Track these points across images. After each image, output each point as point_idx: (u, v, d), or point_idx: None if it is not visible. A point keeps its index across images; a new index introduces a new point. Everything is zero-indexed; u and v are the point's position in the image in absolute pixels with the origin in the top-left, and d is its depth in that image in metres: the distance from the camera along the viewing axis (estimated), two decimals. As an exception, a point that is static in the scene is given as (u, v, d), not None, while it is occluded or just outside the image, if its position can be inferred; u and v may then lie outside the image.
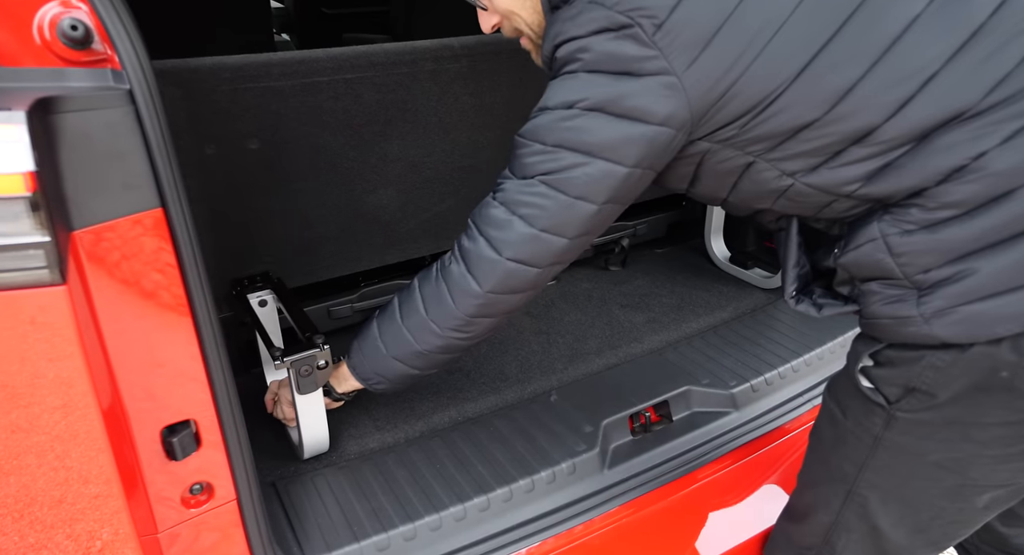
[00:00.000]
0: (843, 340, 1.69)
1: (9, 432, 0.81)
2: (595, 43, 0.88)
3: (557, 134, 0.93)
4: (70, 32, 0.77)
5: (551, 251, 0.99)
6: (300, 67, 1.35)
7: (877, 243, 0.91)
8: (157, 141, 0.82)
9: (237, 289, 1.46)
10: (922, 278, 0.89)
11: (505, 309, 1.07)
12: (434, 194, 1.64)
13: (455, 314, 1.05)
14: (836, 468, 1.07)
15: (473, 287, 1.02)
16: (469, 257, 1.02)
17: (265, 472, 1.33)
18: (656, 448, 1.42)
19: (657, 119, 0.88)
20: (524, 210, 0.96)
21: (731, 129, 0.91)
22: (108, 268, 0.82)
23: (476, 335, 1.10)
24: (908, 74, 0.84)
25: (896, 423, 0.97)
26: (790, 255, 1.04)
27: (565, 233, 0.97)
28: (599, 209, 0.96)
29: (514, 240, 0.98)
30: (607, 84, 0.88)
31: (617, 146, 0.90)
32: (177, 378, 0.91)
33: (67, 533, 0.90)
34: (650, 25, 0.85)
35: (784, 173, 0.93)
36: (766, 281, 1.92)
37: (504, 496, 1.28)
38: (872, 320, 0.96)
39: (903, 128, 0.86)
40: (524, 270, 1.00)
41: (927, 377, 0.92)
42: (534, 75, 1.61)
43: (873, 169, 0.89)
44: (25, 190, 0.68)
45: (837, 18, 0.85)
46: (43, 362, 0.78)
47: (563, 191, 0.94)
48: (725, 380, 1.55)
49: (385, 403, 1.49)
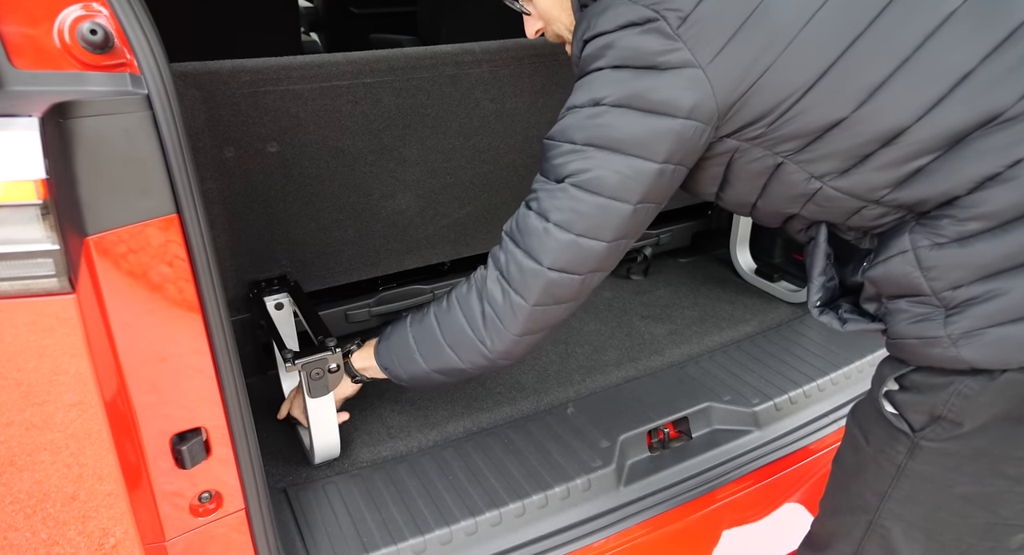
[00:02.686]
0: (872, 359, 1.63)
1: (10, 446, 0.81)
2: (621, 38, 0.88)
3: (586, 132, 0.91)
4: (89, 36, 0.76)
5: (591, 256, 0.96)
6: (320, 71, 1.34)
7: (907, 256, 0.88)
8: (174, 147, 0.81)
9: (254, 292, 1.46)
10: (950, 296, 0.86)
11: (552, 322, 1.03)
12: (454, 200, 1.62)
13: (505, 336, 1.02)
14: (858, 497, 1.03)
15: (519, 302, 0.99)
16: (509, 273, 1.00)
17: (277, 477, 1.32)
18: (674, 466, 1.38)
19: (683, 112, 0.87)
20: (558, 215, 0.94)
21: (759, 127, 0.89)
22: (121, 274, 0.81)
23: (520, 357, 1.07)
24: (940, 73, 0.81)
25: (920, 452, 0.93)
26: (816, 263, 1.01)
27: (602, 236, 0.95)
28: (634, 209, 0.93)
29: (552, 247, 0.95)
30: (632, 79, 0.88)
31: (646, 141, 0.89)
32: (188, 386, 0.91)
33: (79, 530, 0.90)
34: (675, 18, 0.85)
35: (813, 176, 0.91)
36: (792, 295, 1.87)
37: (517, 511, 1.26)
38: (898, 340, 0.93)
39: (934, 130, 0.82)
40: (567, 279, 0.97)
41: (954, 405, 0.88)
42: (556, 81, 1.59)
43: (903, 174, 0.86)
44: (36, 197, 0.68)
45: (868, 14, 0.83)
46: (50, 371, 0.78)
47: (596, 192, 0.92)
48: (747, 397, 1.50)
49: (399, 411, 1.48)
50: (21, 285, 0.71)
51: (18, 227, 0.69)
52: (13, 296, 0.72)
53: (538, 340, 1.06)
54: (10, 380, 0.79)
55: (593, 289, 1.03)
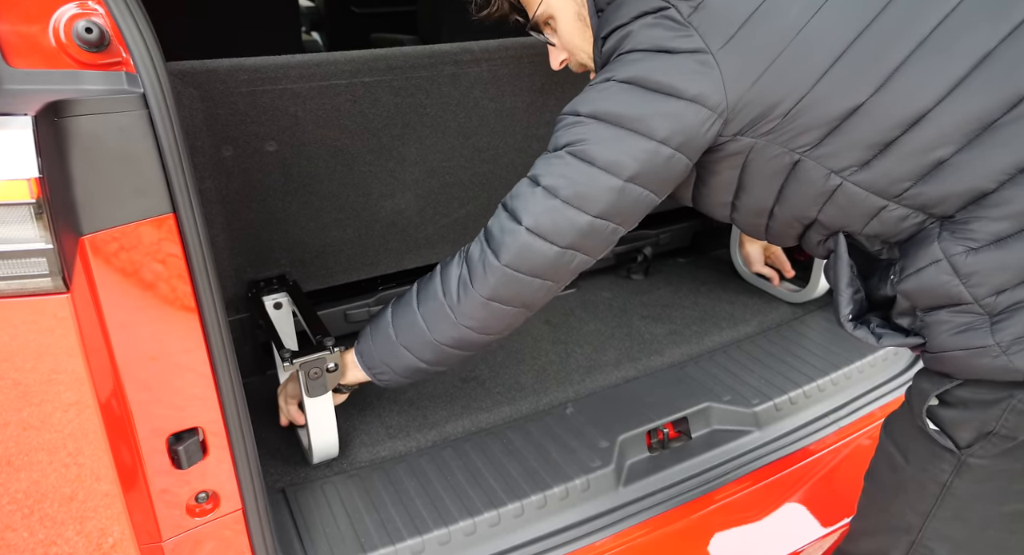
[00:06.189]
0: (872, 360, 1.62)
1: (7, 446, 0.80)
2: (636, 27, 0.91)
3: (590, 105, 0.92)
4: (85, 34, 0.76)
5: (571, 227, 0.94)
6: (318, 70, 1.33)
7: (941, 265, 0.84)
8: (170, 146, 0.81)
9: (253, 291, 1.45)
10: (993, 302, 0.82)
11: (524, 298, 1.01)
12: (453, 199, 1.62)
13: (473, 297, 1.01)
14: (898, 517, 0.99)
15: (491, 260, 0.98)
16: (490, 233, 1.00)
17: (275, 477, 1.32)
18: (674, 466, 1.37)
19: (688, 95, 0.87)
20: (548, 180, 0.94)
21: (773, 119, 0.87)
22: (116, 273, 0.81)
23: (490, 330, 1.05)
24: (959, 53, 0.79)
25: (968, 470, 0.89)
26: (842, 275, 0.95)
27: (587, 208, 0.93)
28: (623, 186, 0.92)
29: (534, 209, 0.94)
30: (643, 59, 0.89)
31: (646, 118, 0.89)
32: (184, 386, 0.90)
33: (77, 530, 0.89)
34: (687, 6, 0.88)
35: (832, 171, 0.88)
36: (792, 295, 1.86)
37: (515, 511, 1.25)
38: (940, 354, 0.88)
39: (956, 114, 0.80)
40: (543, 245, 0.95)
41: (1008, 420, 0.84)
42: (555, 80, 1.59)
43: (926, 165, 0.83)
44: (29, 196, 0.67)
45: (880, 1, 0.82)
46: (46, 371, 0.77)
47: (589, 161, 0.91)
48: (747, 397, 1.50)
49: (398, 411, 1.48)
50: (15, 285, 0.71)
51: (11, 226, 0.69)
52: (7, 296, 0.72)
53: (507, 317, 1.03)
54: (6, 380, 0.78)
55: (573, 273, 1.01)
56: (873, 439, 1.51)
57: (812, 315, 1.81)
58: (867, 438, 1.52)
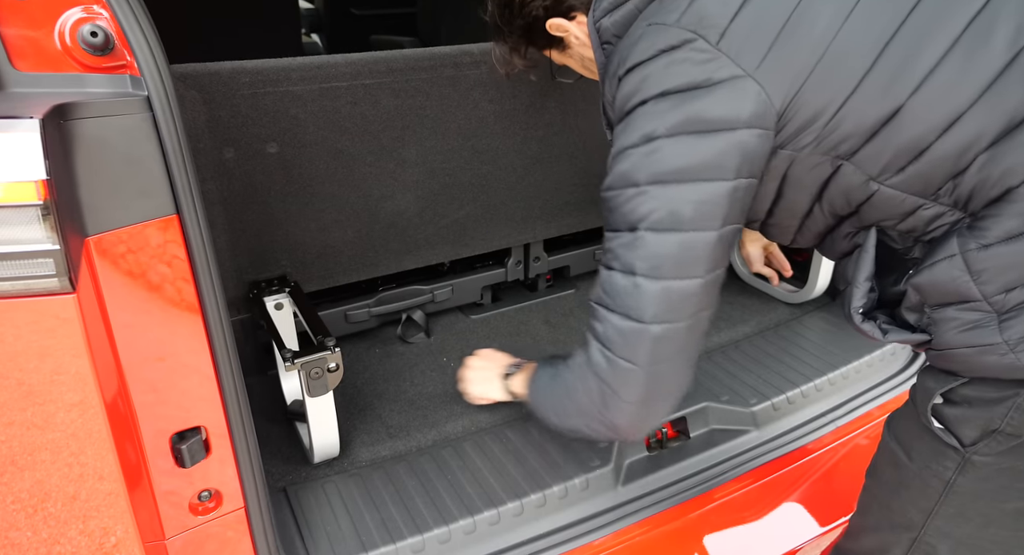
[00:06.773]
0: (869, 359, 1.63)
1: (11, 445, 0.81)
2: (659, 66, 0.86)
3: (647, 169, 0.86)
4: (90, 38, 0.77)
5: (690, 298, 0.90)
6: (319, 72, 1.34)
7: (954, 260, 0.83)
8: (174, 148, 0.82)
9: (254, 292, 1.46)
10: (1002, 300, 0.81)
11: (674, 380, 0.96)
12: (453, 200, 1.62)
13: (621, 406, 0.96)
14: (900, 514, 0.99)
15: (628, 368, 0.92)
16: (610, 339, 0.93)
17: (277, 476, 1.32)
18: (672, 465, 1.38)
19: (742, 122, 0.84)
20: (643, 265, 0.88)
21: (813, 130, 0.85)
22: (121, 274, 0.81)
23: (654, 425, 1.01)
24: (992, 50, 0.78)
25: (972, 468, 0.89)
26: (863, 268, 0.93)
27: (695, 273, 0.89)
28: (719, 235, 0.88)
29: (648, 301, 0.88)
30: (680, 104, 0.84)
31: (712, 162, 0.85)
32: (188, 386, 0.91)
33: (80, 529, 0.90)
34: (714, 34, 0.84)
35: (871, 177, 0.87)
36: (791, 295, 1.87)
37: (515, 510, 1.26)
38: (946, 351, 0.88)
39: (991, 112, 0.79)
40: (672, 329, 0.90)
41: (1013, 418, 0.83)
42: (554, 82, 1.59)
43: (962, 165, 0.82)
44: (37, 198, 0.68)
45: (908, 2, 0.81)
46: (51, 371, 0.78)
47: (674, 229, 0.86)
48: (745, 397, 1.51)
49: (399, 411, 1.49)
50: (22, 285, 0.72)
51: (19, 227, 0.69)
52: (14, 296, 0.73)
53: (668, 404, 0.99)
54: (11, 380, 0.79)
55: (705, 334, 0.95)
56: (871, 438, 1.52)
57: (810, 315, 1.82)
58: (864, 437, 1.53)
